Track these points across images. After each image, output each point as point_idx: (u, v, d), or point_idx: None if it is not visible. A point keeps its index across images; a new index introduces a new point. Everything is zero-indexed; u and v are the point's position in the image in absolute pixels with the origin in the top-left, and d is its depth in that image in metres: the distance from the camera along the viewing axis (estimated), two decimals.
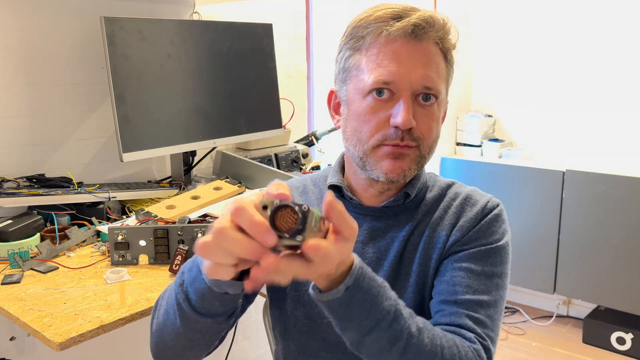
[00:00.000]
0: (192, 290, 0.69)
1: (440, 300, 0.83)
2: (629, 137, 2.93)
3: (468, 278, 0.83)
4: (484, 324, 0.80)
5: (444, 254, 0.87)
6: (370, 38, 0.83)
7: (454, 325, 0.79)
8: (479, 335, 0.79)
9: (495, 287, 0.84)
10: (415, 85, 0.81)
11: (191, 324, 0.72)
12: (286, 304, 0.93)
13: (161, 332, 0.77)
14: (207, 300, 0.68)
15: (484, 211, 0.88)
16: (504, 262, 0.87)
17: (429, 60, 0.82)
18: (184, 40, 1.68)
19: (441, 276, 0.86)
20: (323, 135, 2.18)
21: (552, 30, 3.08)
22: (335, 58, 0.90)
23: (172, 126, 1.66)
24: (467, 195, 0.91)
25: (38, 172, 1.57)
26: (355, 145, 0.85)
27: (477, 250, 0.85)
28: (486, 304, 0.82)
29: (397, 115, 0.80)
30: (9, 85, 1.51)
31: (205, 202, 1.52)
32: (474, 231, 0.87)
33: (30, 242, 1.29)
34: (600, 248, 2.76)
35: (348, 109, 0.87)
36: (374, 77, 0.81)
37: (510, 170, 3.00)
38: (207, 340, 0.76)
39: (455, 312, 0.80)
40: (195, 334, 0.74)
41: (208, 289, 0.66)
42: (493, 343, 0.80)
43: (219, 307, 0.69)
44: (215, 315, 0.71)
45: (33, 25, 1.54)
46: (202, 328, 0.72)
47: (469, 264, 0.84)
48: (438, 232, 0.88)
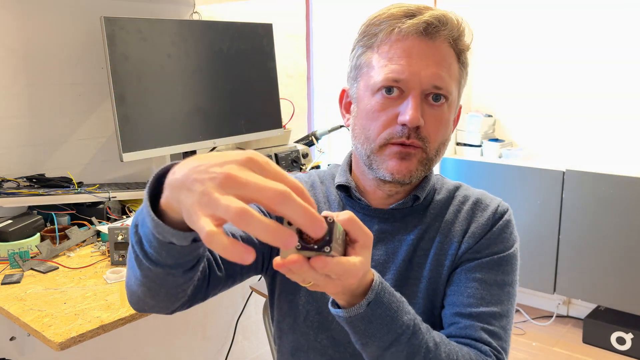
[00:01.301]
0: (142, 234, 0.61)
1: (455, 312, 0.84)
2: (629, 137, 2.93)
3: (482, 289, 0.84)
4: (498, 335, 0.81)
5: (456, 261, 0.87)
6: (382, 35, 0.82)
7: (469, 339, 0.80)
8: (494, 348, 0.80)
9: (507, 297, 0.85)
10: (425, 83, 0.80)
11: (144, 271, 0.64)
12: (298, 297, 0.91)
13: (128, 272, 0.71)
14: (154, 247, 0.60)
15: (495, 216, 0.89)
16: (515, 269, 0.89)
17: (440, 59, 0.81)
18: (184, 40, 1.68)
19: (454, 286, 0.86)
20: (323, 135, 2.18)
21: (552, 30, 3.08)
22: (349, 57, 0.90)
23: (172, 126, 1.66)
24: (477, 199, 0.91)
25: (38, 172, 1.57)
26: (363, 143, 0.85)
27: (489, 260, 0.86)
28: (499, 315, 0.83)
29: (405, 113, 0.79)
30: (9, 85, 1.51)
31: None
32: (485, 238, 0.87)
33: (30, 242, 1.29)
34: (600, 248, 2.76)
35: (358, 107, 0.87)
36: (384, 75, 0.81)
37: (510, 170, 3.00)
38: (166, 293, 0.69)
39: (470, 326, 0.81)
40: (150, 283, 0.66)
41: (152, 235, 0.58)
42: (506, 354, 0.82)
43: (166, 257, 0.61)
44: (167, 267, 0.62)
45: (33, 25, 1.54)
46: (155, 278, 0.65)
47: (482, 274, 0.85)
48: (450, 239, 0.88)
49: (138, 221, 0.61)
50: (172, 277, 0.65)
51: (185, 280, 0.67)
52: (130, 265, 0.67)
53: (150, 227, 0.57)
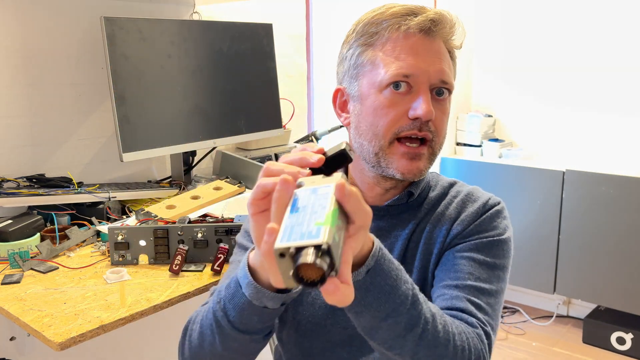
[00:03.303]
0: (231, 306, 0.70)
1: (442, 285, 0.83)
2: (629, 137, 2.93)
3: (470, 266, 0.83)
4: (485, 310, 0.80)
5: (444, 247, 0.87)
6: (387, 33, 0.84)
7: (455, 309, 0.79)
8: (480, 320, 0.78)
9: (497, 279, 0.84)
10: (433, 78, 0.83)
11: (229, 342, 0.72)
12: (285, 314, 0.92)
13: (197, 355, 0.78)
14: (246, 315, 0.69)
15: (486, 207, 0.89)
16: (506, 256, 0.87)
17: (442, 55, 0.84)
18: (184, 40, 1.68)
19: (442, 265, 0.86)
20: (323, 135, 2.18)
21: (552, 30, 3.08)
22: (343, 56, 0.89)
23: (172, 126, 1.67)
24: (468, 192, 0.92)
25: (38, 172, 1.57)
26: (371, 140, 0.85)
27: (479, 242, 0.85)
28: (487, 292, 0.82)
29: (418, 107, 0.81)
30: (9, 85, 1.51)
31: (205, 202, 1.52)
32: (475, 224, 0.87)
33: (30, 242, 1.29)
34: (600, 248, 2.76)
35: (362, 105, 0.86)
36: (393, 71, 0.82)
37: (510, 170, 3.00)
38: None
39: (456, 296, 0.80)
40: (232, 354, 0.75)
41: (248, 302, 0.67)
42: (493, 331, 0.79)
43: (257, 322, 0.70)
44: (253, 332, 0.71)
45: (33, 25, 1.54)
46: (238, 347, 0.73)
47: (472, 253, 0.84)
48: (439, 227, 0.88)
49: (221, 297, 0.72)
50: (254, 343, 0.73)
51: (262, 345, 0.76)
52: (207, 343, 0.76)
53: (249, 297, 0.67)
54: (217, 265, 1.19)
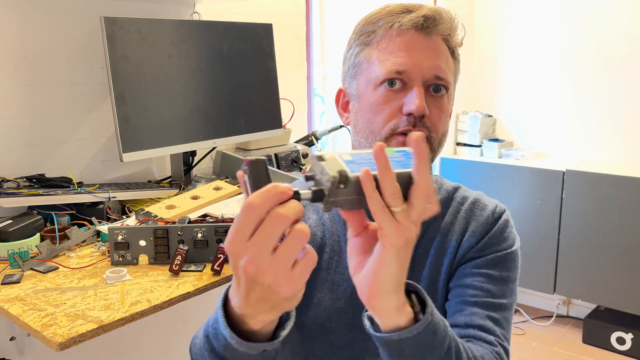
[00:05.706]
0: (216, 345, 0.66)
1: (460, 301, 0.84)
2: (629, 137, 2.93)
3: (487, 283, 0.85)
4: (501, 324, 0.82)
5: (457, 260, 0.88)
6: (381, 31, 0.84)
7: (474, 326, 0.80)
8: (498, 336, 0.80)
9: (510, 292, 0.87)
10: (427, 74, 0.82)
11: None
12: None
13: None
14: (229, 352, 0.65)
15: (494, 215, 0.90)
16: (517, 267, 0.90)
17: (438, 52, 0.84)
18: (184, 40, 1.68)
19: (459, 279, 0.86)
20: (323, 135, 2.18)
21: (552, 30, 3.08)
22: (345, 57, 0.91)
23: (172, 126, 1.67)
24: (475, 199, 0.92)
25: (38, 172, 1.57)
26: (368, 137, 0.85)
27: (494, 257, 0.87)
28: (503, 306, 0.84)
29: (411, 103, 0.81)
30: (9, 85, 1.51)
31: (205, 202, 1.52)
32: (488, 237, 0.88)
33: (30, 242, 1.29)
34: (600, 248, 2.76)
35: (359, 103, 0.87)
36: (386, 67, 0.82)
37: (510, 170, 3.00)
38: None
39: (475, 313, 0.82)
40: None
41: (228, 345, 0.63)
42: (509, 344, 0.82)
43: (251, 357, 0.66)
44: None
45: (33, 25, 1.54)
46: None
47: (488, 270, 0.86)
48: (449, 238, 0.89)
49: (209, 333, 0.67)
50: None
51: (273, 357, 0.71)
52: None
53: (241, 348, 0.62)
54: (217, 265, 1.19)
